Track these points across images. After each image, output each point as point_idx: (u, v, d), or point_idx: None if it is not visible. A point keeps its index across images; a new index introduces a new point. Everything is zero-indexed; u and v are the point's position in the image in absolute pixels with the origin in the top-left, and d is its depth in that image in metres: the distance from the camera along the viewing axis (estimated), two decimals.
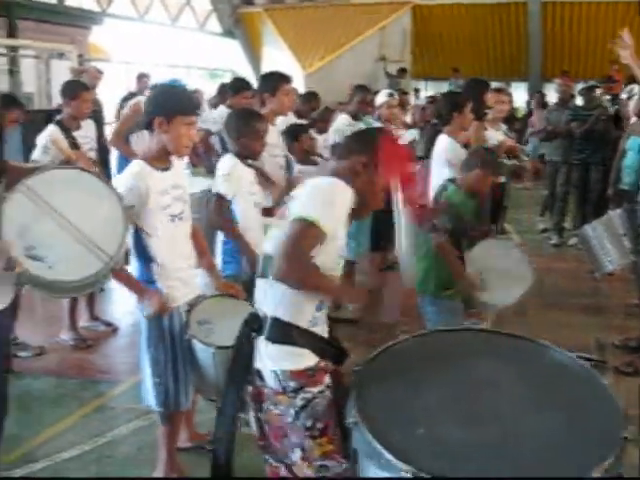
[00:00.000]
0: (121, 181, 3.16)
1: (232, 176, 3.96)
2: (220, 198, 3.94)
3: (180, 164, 3.41)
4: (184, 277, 3.32)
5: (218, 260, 4.07)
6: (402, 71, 15.50)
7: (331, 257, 2.36)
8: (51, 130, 5.12)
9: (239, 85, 6.54)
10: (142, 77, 10.29)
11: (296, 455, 2.36)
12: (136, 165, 3.17)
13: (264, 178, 4.32)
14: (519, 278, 3.96)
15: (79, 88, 5.42)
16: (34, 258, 2.49)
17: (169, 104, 3.15)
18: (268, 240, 2.43)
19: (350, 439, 2.21)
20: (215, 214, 3.97)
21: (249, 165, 4.09)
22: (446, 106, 5.15)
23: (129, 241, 3.20)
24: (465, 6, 18.15)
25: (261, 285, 2.44)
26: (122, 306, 6.43)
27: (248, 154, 4.07)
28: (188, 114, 3.17)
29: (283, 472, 2.43)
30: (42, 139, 5.07)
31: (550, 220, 9.15)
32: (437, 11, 18.44)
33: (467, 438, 2.05)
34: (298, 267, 2.20)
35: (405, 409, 2.20)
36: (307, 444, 2.34)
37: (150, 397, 3.33)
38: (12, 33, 13.27)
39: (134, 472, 3.63)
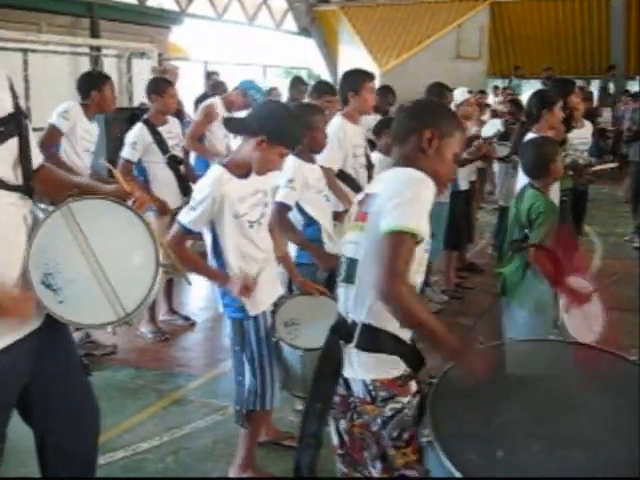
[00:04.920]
0: (199, 187, 3.13)
1: (296, 182, 3.79)
2: (283, 207, 3.76)
3: None
4: (266, 279, 3.26)
5: (292, 248, 3.98)
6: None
7: (418, 258, 2.18)
8: (139, 128, 5.23)
9: (323, 88, 6.54)
10: (211, 75, 10.23)
11: (377, 467, 2.28)
12: (216, 171, 3.12)
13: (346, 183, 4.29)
14: None
15: (165, 84, 5.54)
16: (48, 286, 2.27)
17: (280, 131, 3.05)
18: (348, 243, 2.29)
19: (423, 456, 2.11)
20: (279, 223, 3.72)
21: (312, 160, 3.97)
22: (536, 104, 5.03)
23: (207, 246, 3.21)
24: (545, 1, 17.73)
25: (346, 290, 2.28)
26: (199, 301, 6.53)
27: (313, 148, 3.94)
28: (290, 147, 3.14)
29: None
30: (131, 137, 5.20)
31: (633, 222, 8.87)
32: (516, 7, 18.03)
33: (548, 463, 1.88)
34: (404, 294, 1.96)
35: (482, 429, 2.02)
36: (390, 454, 2.23)
37: (236, 395, 3.36)
38: (95, 33, 13.63)
39: (209, 465, 3.68)
